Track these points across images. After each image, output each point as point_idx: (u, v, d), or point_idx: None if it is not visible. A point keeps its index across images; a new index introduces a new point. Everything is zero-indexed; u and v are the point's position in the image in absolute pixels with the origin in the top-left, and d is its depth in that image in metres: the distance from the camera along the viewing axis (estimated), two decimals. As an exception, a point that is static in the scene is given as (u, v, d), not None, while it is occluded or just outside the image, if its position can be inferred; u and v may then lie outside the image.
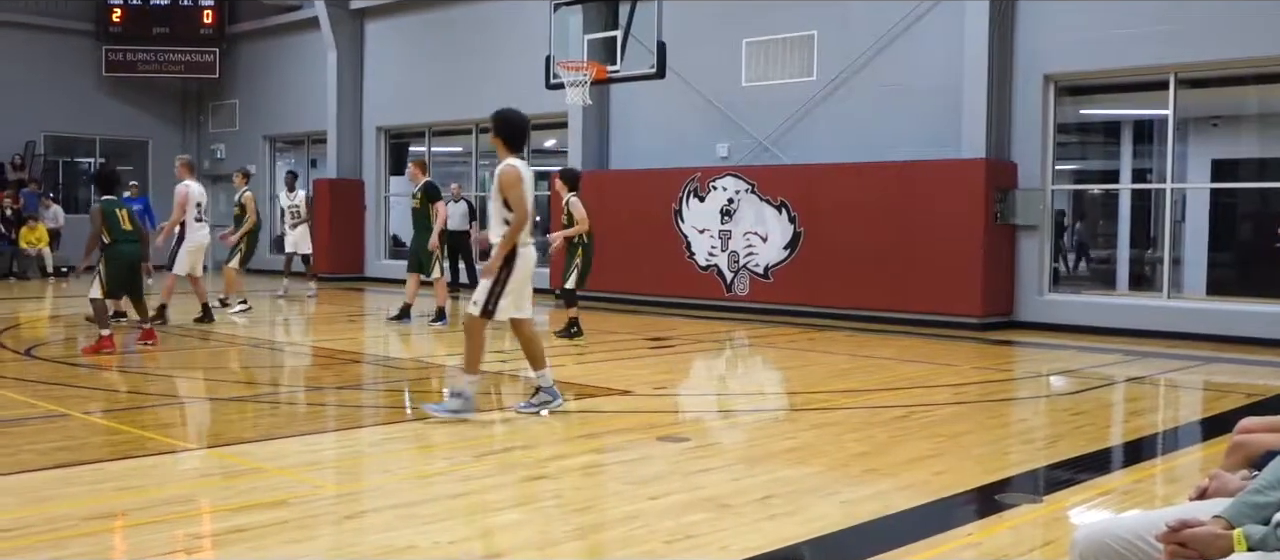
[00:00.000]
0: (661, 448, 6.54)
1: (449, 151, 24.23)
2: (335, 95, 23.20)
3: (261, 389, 8.79)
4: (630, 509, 5.18)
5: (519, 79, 18.86)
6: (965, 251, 13.85)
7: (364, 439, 7.12)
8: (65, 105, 25.66)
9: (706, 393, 9.37)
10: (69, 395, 8.07)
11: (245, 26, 26.11)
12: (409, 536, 4.63)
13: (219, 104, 27.19)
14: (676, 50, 14.96)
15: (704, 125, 17.14)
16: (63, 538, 4.54)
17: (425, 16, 22.12)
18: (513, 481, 5.66)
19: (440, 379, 9.62)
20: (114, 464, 5.92)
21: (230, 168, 26.76)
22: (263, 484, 5.62)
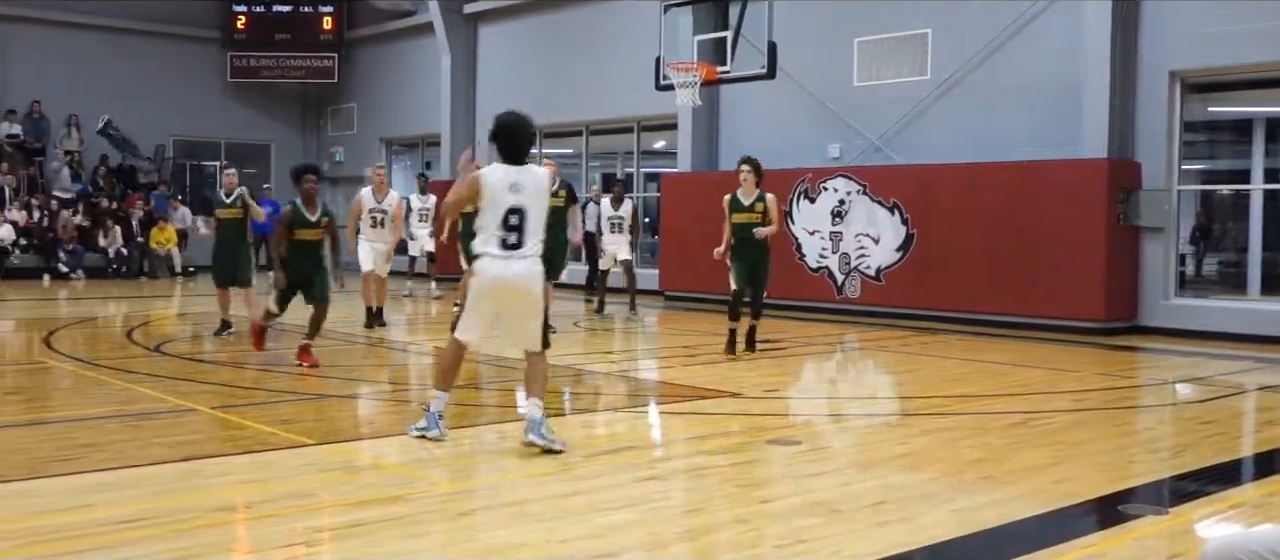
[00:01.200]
0: (772, 451, 6.49)
1: (559, 154, 24.44)
2: (449, 98, 23.62)
3: (379, 387, 8.98)
4: (740, 512, 5.16)
5: (628, 81, 18.96)
6: (1086, 254, 13.46)
7: (478, 437, 7.21)
8: (192, 110, 26.62)
9: (817, 396, 9.27)
10: (196, 391, 8.35)
11: (363, 32, 26.74)
12: (521, 534, 4.68)
13: (337, 108, 27.89)
14: (787, 50, 14.85)
15: (815, 126, 16.98)
16: (190, 528, 4.69)
17: (537, 20, 22.38)
18: (623, 482, 5.68)
19: (554, 381, 9.70)
20: (238, 458, 6.11)
21: (349, 171, 27.50)
22: (380, 480, 5.74)
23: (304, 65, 27.08)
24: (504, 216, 6.12)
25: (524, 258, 6.20)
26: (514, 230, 6.15)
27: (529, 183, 6.21)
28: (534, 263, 6.25)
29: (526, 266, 6.21)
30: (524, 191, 6.17)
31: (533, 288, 6.23)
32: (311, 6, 26.83)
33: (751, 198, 10.81)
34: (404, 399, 8.36)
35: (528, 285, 6.22)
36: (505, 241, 6.15)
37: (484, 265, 6.22)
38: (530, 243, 6.21)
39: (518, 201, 6.14)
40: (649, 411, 8.24)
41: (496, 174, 6.20)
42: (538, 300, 6.30)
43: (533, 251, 6.22)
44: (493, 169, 6.26)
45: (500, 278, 6.19)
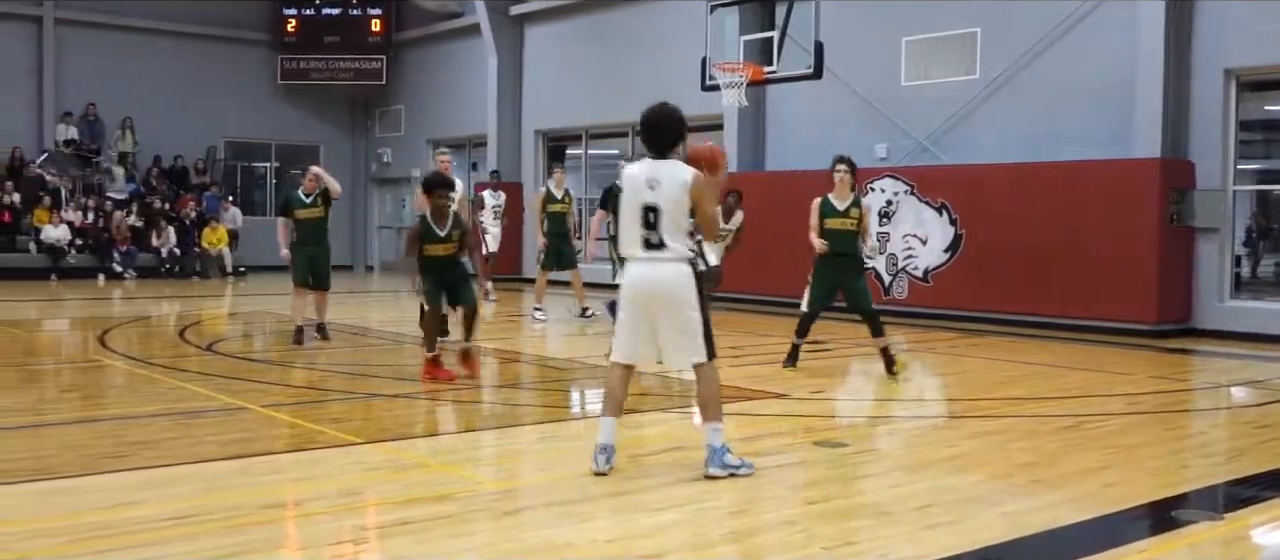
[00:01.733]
0: (819, 452, 6.46)
1: (605, 154, 24.50)
2: (495, 99, 23.73)
3: (426, 387, 9.02)
4: (787, 514, 5.13)
5: (675, 81, 18.89)
6: (1138, 255, 13.27)
7: (524, 437, 7.24)
8: (243, 112, 26.96)
9: (864, 397, 9.21)
10: (247, 389, 8.45)
11: (410, 34, 26.94)
12: (567, 534, 4.68)
13: (385, 109, 28.11)
14: (834, 50, 14.78)
15: (862, 125, 16.88)
16: (240, 525, 4.74)
17: (583, 21, 22.43)
18: (670, 482, 5.66)
19: (601, 381, 9.72)
20: (288, 456, 6.17)
21: (396, 172, 27.73)
22: (427, 479, 5.77)
23: (352, 67, 27.33)
24: (642, 213, 5.68)
25: (667, 259, 5.69)
26: (651, 227, 5.66)
27: (664, 178, 5.68)
28: (678, 266, 5.71)
29: (669, 270, 5.69)
30: (659, 187, 5.68)
31: (680, 294, 5.70)
32: (360, 9, 27.07)
33: (846, 201, 9.65)
34: (452, 399, 8.40)
35: (674, 290, 5.69)
36: (646, 240, 5.69)
37: (629, 270, 5.81)
38: (672, 244, 5.68)
39: (653, 199, 5.67)
40: (695, 412, 8.22)
41: (634, 168, 5.84)
42: (687, 304, 5.71)
43: (678, 254, 5.70)
44: (632, 163, 5.93)
45: (639, 282, 5.76)
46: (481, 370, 9.23)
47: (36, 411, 7.83)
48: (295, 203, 11.54)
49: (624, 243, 5.83)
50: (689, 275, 5.71)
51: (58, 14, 24.71)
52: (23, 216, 22.81)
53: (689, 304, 5.69)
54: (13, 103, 24.37)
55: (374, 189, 28.87)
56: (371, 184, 28.82)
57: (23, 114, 24.51)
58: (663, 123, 5.79)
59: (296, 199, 11.56)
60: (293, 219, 11.48)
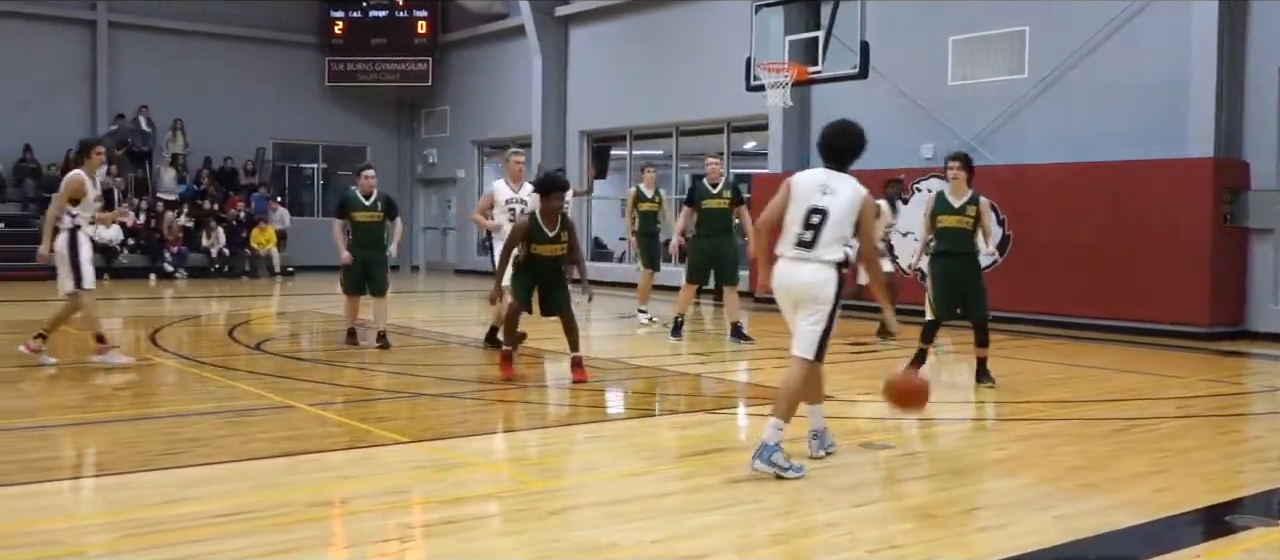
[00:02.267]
0: (864, 455, 6.41)
1: (649, 155, 24.51)
2: (540, 100, 23.82)
3: (470, 386, 9.08)
4: (832, 516, 5.10)
5: (719, 81, 18.92)
6: (1190, 256, 13.07)
7: (569, 437, 7.25)
8: (291, 114, 27.26)
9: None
10: (295, 388, 8.54)
11: (456, 36, 27.11)
12: (612, 534, 4.69)
13: (431, 110, 28.31)
14: (880, 49, 14.70)
15: (908, 126, 16.76)
16: (289, 522, 4.79)
17: (628, 21, 22.46)
18: (715, 484, 5.65)
19: (645, 381, 9.71)
20: (335, 454, 6.23)
21: (442, 172, 27.91)
22: (472, 478, 5.80)
23: (398, 69, 27.55)
24: (805, 215, 5.89)
25: (817, 261, 5.88)
26: (811, 229, 5.87)
27: (841, 188, 5.93)
28: (826, 268, 5.87)
29: (813, 269, 5.87)
30: (833, 194, 5.90)
31: (819, 292, 5.86)
32: (406, 11, 27.28)
33: (962, 198, 9.18)
34: (499, 399, 8.44)
35: (814, 289, 5.87)
36: (800, 239, 5.90)
37: (778, 268, 6.01)
38: (826, 247, 5.87)
39: (824, 203, 5.88)
40: (739, 413, 8.20)
41: (808, 173, 6.09)
42: (821, 305, 5.86)
43: (828, 256, 5.87)
44: (806, 172, 6.11)
45: (784, 279, 5.97)
46: (540, 370, 9.25)
47: (90, 409, 7.96)
48: (354, 204, 11.14)
49: (781, 241, 6.00)
50: (833, 278, 5.87)
51: (111, 17, 25.13)
52: (77, 217, 23.19)
53: (825, 301, 5.86)
54: (67, 105, 24.81)
55: (420, 190, 29.08)
56: (417, 185, 29.03)
57: (76, 116, 24.94)
58: (846, 139, 6.13)
59: (355, 200, 11.16)
60: (350, 221, 11.11)
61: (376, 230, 11.15)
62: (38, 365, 9.38)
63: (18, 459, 6.04)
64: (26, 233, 23.20)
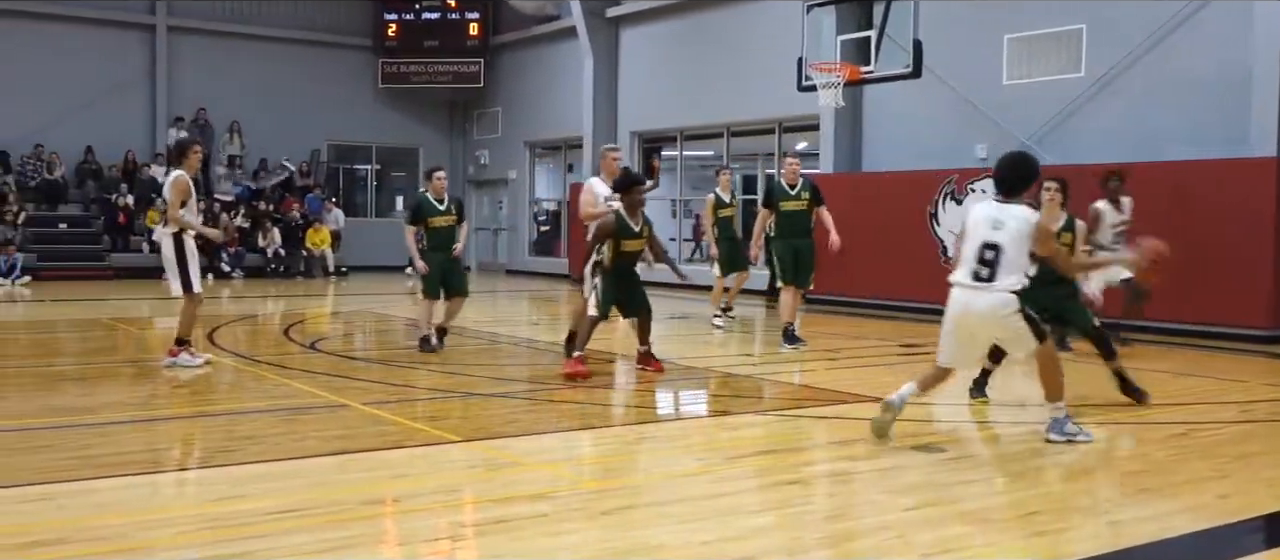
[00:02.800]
0: (916, 457, 6.36)
1: (699, 156, 24.50)
2: (591, 101, 23.87)
3: (521, 386, 9.12)
4: (884, 519, 5.06)
5: (770, 82, 18.85)
6: (1252, 257, 12.81)
7: (620, 437, 7.26)
8: (345, 116, 27.56)
9: (963, 402, 9.03)
10: (348, 387, 8.62)
11: (507, 37, 27.25)
12: (662, 535, 4.68)
13: (483, 112, 28.47)
14: (933, 48, 14.56)
15: (962, 125, 16.60)
16: (342, 520, 4.84)
17: (679, 22, 22.45)
18: (765, 485, 5.63)
19: (696, 382, 9.70)
20: (388, 453, 6.28)
21: (493, 173, 28.07)
22: (523, 478, 5.82)
23: (451, 70, 27.74)
24: (979, 250, 6.28)
25: (993, 290, 6.24)
26: (987, 264, 6.24)
27: (1011, 221, 6.27)
28: (1003, 296, 6.24)
29: (991, 300, 6.25)
30: (1004, 229, 6.25)
31: (1002, 320, 6.30)
32: (458, 13, 27.46)
33: (1058, 223, 8.82)
34: (549, 398, 8.46)
35: (995, 319, 6.30)
36: (977, 274, 6.28)
37: (954, 295, 6.42)
38: (1004, 278, 6.23)
39: (995, 237, 6.24)
40: (790, 415, 8.16)
41: (980, 206, 6.49)
42: (1009, 329, 6.36)
43: (1006, 285, 6.22)
44: (981, 203, 6.54)
45: (965, 311, 6.37)
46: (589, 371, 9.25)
47: (150, 406, 8.10)
48: (428, 210, 10.97)
49: (957, 270, 6.45)
50: (1010, 301, 6.26)
51: (170, 21, 25.54)
52: (137, 218, 23.61)
53: (1011, 321, 6.30)
54: (127, 108, 25.27)
55: (471, 190, 29.26)
56: (469, 186, 29.21)
57: (136, 119, 25.40)
58: (1016, 170, 6.51)
59: (429, 206, 10.98)
60: (425, 226, 11.02)
61: (452, 233, 11.12)
62: (184, 367, 9.35)
63: (82, 455, 6.16)
64: (88, 233, 23.67)
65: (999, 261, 6.21)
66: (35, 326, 14.11)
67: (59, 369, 10.03)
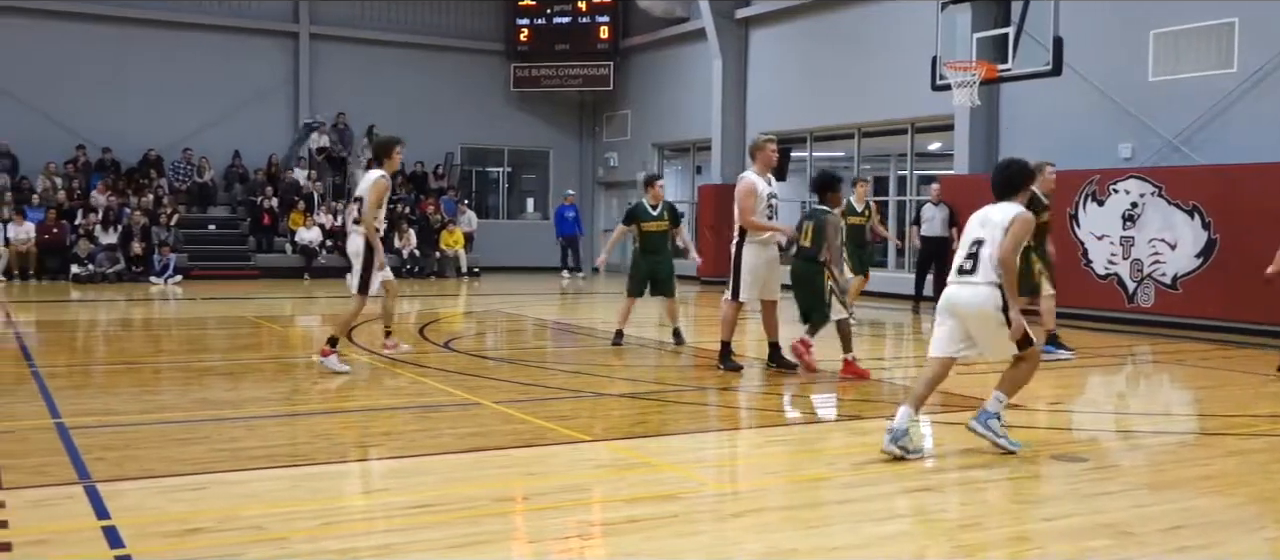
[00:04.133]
0: (1055, 467, 6.17)
1: (830, 156, 24.24)
2: (720, 103, 23.83)
3: (650, 386, 9.16)
4: (1020, 529, 4.93)
5: (902, 82, 18.56)
6: None
7: (748, 440, 7.23)
8: (478, 119, 28.09)
9: (1104, 410, 8.75)
10: (481, 386, 8.78)
11: (637, 40, 27.40)
12: (791, 540, 4.65)
13: (612, 114, 28.69)
14: (1074, 44, 14.14)
15: (1105, 124, 16.06)
16: (475, 516, 4.93)
17: (809, 22, 22.25)
18: (895, 492, 5.54)
19: (825, 386, 9.61)
20: (519, 451, 6.37)
21: (622, 176, 28.26)
22: (652, 478, 5.84)
23: (581, 74, 28.04)
24: (967, 246, 6.47)
25: (973, 284, 6.36)
26: (971, 258, 6.39)
27: (995, 216, 6.43)
28: (986, 290, 6.32)
29: (974, 294, 6.35)
30: (989, 225, 6.41)
31: (984, 316, 6.35)
32: (589, 17, 27.73)
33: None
34: (678, 400, 8.48)
35: (979, 315, 6.36)
36: (961, 268, 6.45)
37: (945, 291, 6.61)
38: (981, 270, 6.34)
39: (980, 234, 6.41)
40: (922, 420, 8.01)
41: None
42: (989, 326, 6.38)
43: (983, 279, 6.32)
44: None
45: (951, 303, 6.50)
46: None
47: (292, 402, 8.38)
48: (643, 214, 11.76)
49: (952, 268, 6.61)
50: (993, 296, 6.30)
51: (312, 30, 26.42)
52: (280, 220, 24.49)
53: (992, 318, 6.33)
54: (271, 113, 26.24)
55: (600, 192, 29.52)
56: (598, 187, 29.47)
57: (279, 124, 26.35)
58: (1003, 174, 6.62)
59: (644, 211, 11.78)
60: (638, 229, 11.75)
61: (663, 237, 11.77)
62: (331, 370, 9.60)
63: (228, 448, 6.42)
64: (235, 234, 24.64)
65: (979, 255, 6.33)
66: (186, 323, 14.75)
67: (208, 364, 10.45)
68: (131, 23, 24.63)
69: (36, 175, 23.28)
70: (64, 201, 22.65)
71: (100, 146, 24.15)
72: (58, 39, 23.91)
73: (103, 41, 24.33)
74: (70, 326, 14.09)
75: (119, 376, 9.71)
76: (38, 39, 23.71)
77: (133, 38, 24.62)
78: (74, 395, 8.25)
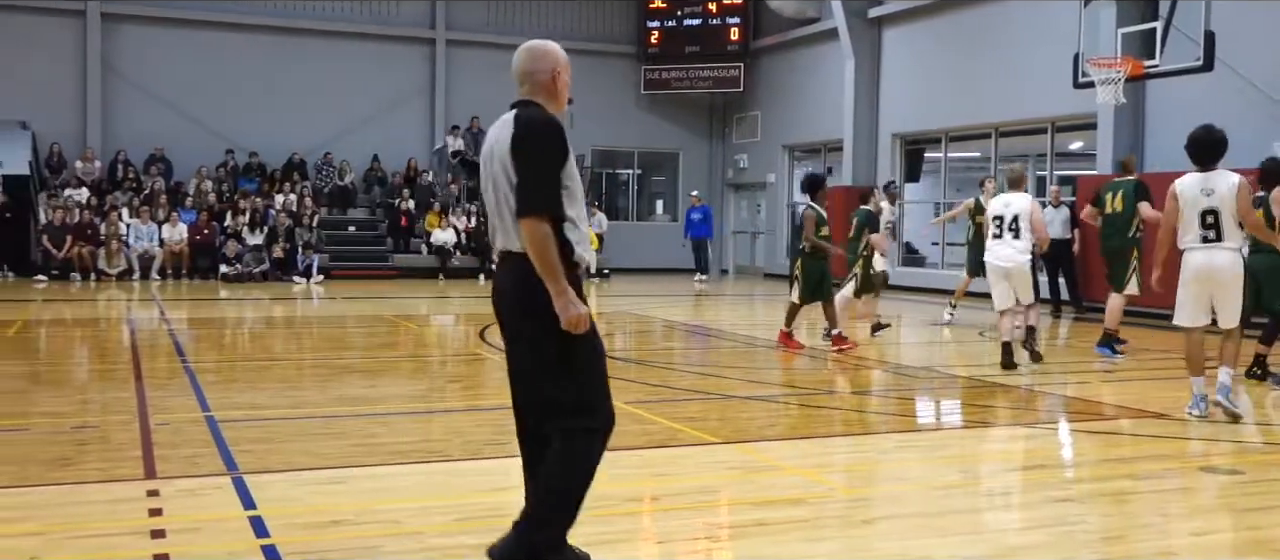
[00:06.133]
0: (1205, 479, 5.92)
1: (965, 157, 23.71)
2: (852, 103, 23.52)
3: (778, 389, 9.10)
4: (1167, 544, 4.73)
5: (1041, 79, 18.05)
6: None
7: (879, 445, 7.12)
8: (609, 121, 28.28)
9: (1256, 421, 8.34)
10: (612, 386, 8.82)
11: (767, 41, 27.24)
12: (925, 547, 4.55)
13: (742, 116, 28.58)
14: (1227, 39, 13.53)
15: (1260, 122, 15.30)
16: (606, 515, 4.96)
17: (943, 20, 21.81)
18: (1035, 501, 5.38)
19: (960, 391, 9.41)
20: (649, 452, 6.39)
21: (752, 177, 28.14)
22: (780, 482, 5.80)
23: (711, 75, 28.01)
24: (1200, 216, 7.30)
25: (1225, 249, 7.30)
26: (1211, 227, 7.27)
27: (1220, 186, 7.29)
28: (1234, 254, 7.35)
29: (1227, 257, 7.31)
30: (1215, 194, 7.28)
31: (1231, 273, 7.35)
32: (719, 18, 27.69)
33: None
34: (806, 403, 8.40)
35: (1228, 271, 7.34)
36: (1205, 237, 7.31)
37: (1189, 257, 7.42)
38: (1229, 237, 7.28)
39: (1211, 204, 7.27)
40: (1062, 429, 7.77)
41: (1188, 181, 7.45)
42: (1234, 283, 7.41)
43: (1232, 244, 7.31)
44: (1186, 178, 7.49)
45: (1204, 266, 7.34)
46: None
47: (427, 399, 8.58)
48: (874, 225, 12.78)
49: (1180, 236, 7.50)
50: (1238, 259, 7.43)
51: (449, 35, 27.01)
52: (417, 221, 25.10)
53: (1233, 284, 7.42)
54: (408, 118, 26.91)
55: (730, 194, 29.43)
56: (727, 189, 29.39)
57: (416, 128, 27.01)
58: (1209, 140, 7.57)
59: (874, 221, 12.75)
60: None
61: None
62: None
63: (366, 444, 6.60)
64: (374, 235, 25.34)
65: (1219, 224, 7.31)
66: (327, 322, 15.23)
67: (347, 361, 10.77)
68: (280, 32, 25.54)
69: (189, 178, 24.33)
70: (214, 204, 23.63)
71: (248, 151, 25.12)
72: (211, 49, 24.92)
73: (253, 50, 25.28)
74: (219, 324, 14.70)
75: (264, 372, 10.08)
76: (193, 49, 24.76)
77: (281, 46, 25.53)
78: (223, 390, 8.59)
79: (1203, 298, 7.43)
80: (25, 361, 10.67)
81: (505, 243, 4.03)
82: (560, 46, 4.50)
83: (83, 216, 21.87)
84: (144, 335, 12.49)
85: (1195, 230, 7.36)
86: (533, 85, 4.35)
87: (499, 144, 4.12)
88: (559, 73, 4.37)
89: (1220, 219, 7.27)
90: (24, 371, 9.91)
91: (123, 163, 23.97)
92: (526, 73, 4.37)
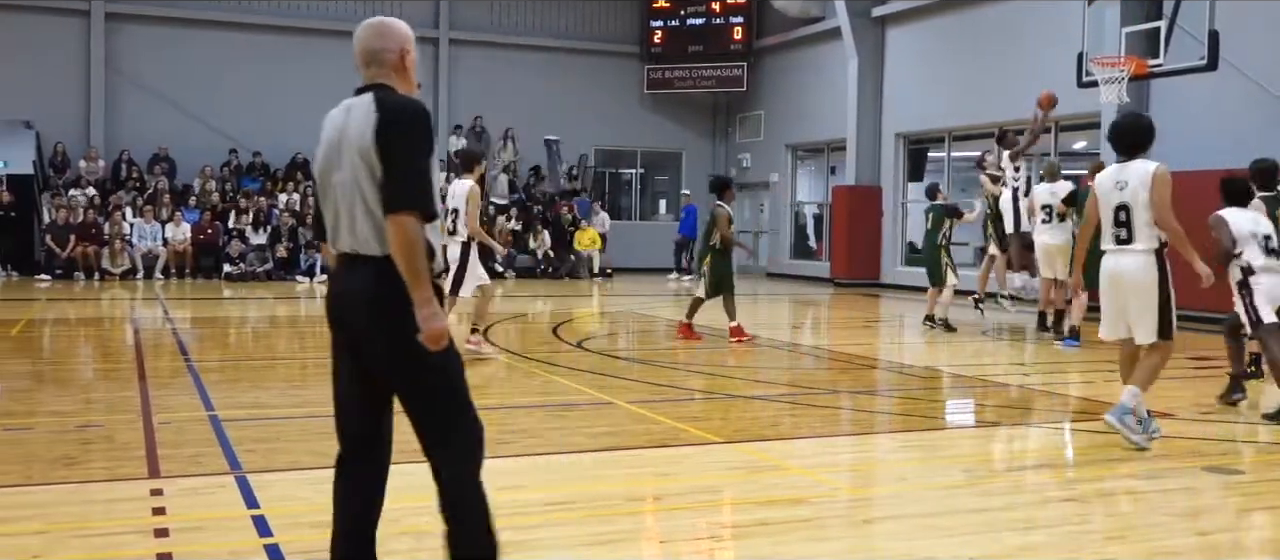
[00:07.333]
0: (1208, 479, 5.91)
1: (969, 156, 23.67)
2: (855, 103, 23.51)
3: (782, 389, 9.10)
4: (1170, 543, 4.73)
5: (1044, 79, 17.95)
6: None
7: (881, 445, 7.12)
8: (612, 121, 28.31)
9: (1262, 422, 8.33)
10: (614, 385, 8.85)
11: (771, 41, 27.23)
12: (928, 547, 4.55)
13: (745, 115, 28.58)
14: (1231, 38, 13.52)
15: (1264, 122, 15.27)
16: (607, 514, 4.97)
17: (947, 20, 21.80)
18: (1037, 501, 5.38)
19: (962, 391, 9.41)
20: (651, 451, 6.40)
21: (755, 177, 28.13)
22: (783, 482, 5.80)
23: (714, 75, 28.00)
24: (1113, 213, 6.51)
25: (1134, 252, 6.46)
26: (1123, 226, 6.48)
27: (1132, 178, 6.48)
28: (1144, 257, 6.46)
29: (1134, 260, 6.47)
30: (1127, 188, 6.47)
31: (1141, 280, 6.46)
32: (723, 18, 27.68)
33: None
34: (810, 403, 8.40)
35: (1136, 278, 6.47)
36: (1116, 236, 6.52)
37: (1103, 262, 6.65)
38: (1140, 237, 6.44)
39: (1122, 198, 6.47)
40: (1065, 428, 7.77)
41: (1105, 173, 6.73)
42: (1149, 292, 6.47)
43: (1143, 246, 6.45)
44: (1105, 171, 6.80)
45: (1112, 271, 6.58)
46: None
47: (430, 398, 8.56)
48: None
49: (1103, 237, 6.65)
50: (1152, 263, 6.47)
51: (452, 35, 27.02)
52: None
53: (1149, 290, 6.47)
54: (413, 117, 26.90)
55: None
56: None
57: (420, 127, 27.00)
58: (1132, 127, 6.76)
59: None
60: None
61: None
62: (475, 355, 10.13)
63: (369, 441, 6.59)
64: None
65: (1131, 221, 6.49)
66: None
67: (351, 361, 10.76)
68: (284, 31, 25.56)
69: (193, 178, 24.35)
70: (218, 203, 23.65)
71: (251, 150, 25.14)
72: (215, 48, 24.94)
73: (257, 50, 25.29)
74: (222, 323, 14.71)
75: (267, 372, 10.10)
76: (197, 49, 24.79)
77: (284, 46, 25.54)
78: (226, 389, 8.60)
79: (1115, 309, 6.62)
80: (29, 361, 10.69)
81: (352, 244, 3.58)
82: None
83: (86, 216, 21.91)
84: (148, 334, 12.51)
85: (1109, 230, 6.57)
86: (380, 66, 3.74)
87: (353, 131, 3.57)
88: (408, 51, 3.81)
89: (1132, 216, 6.43)
90: (28, 371, 9.93)
91: (126, 162, 24.00)
92: (372, 52, 3.73)
